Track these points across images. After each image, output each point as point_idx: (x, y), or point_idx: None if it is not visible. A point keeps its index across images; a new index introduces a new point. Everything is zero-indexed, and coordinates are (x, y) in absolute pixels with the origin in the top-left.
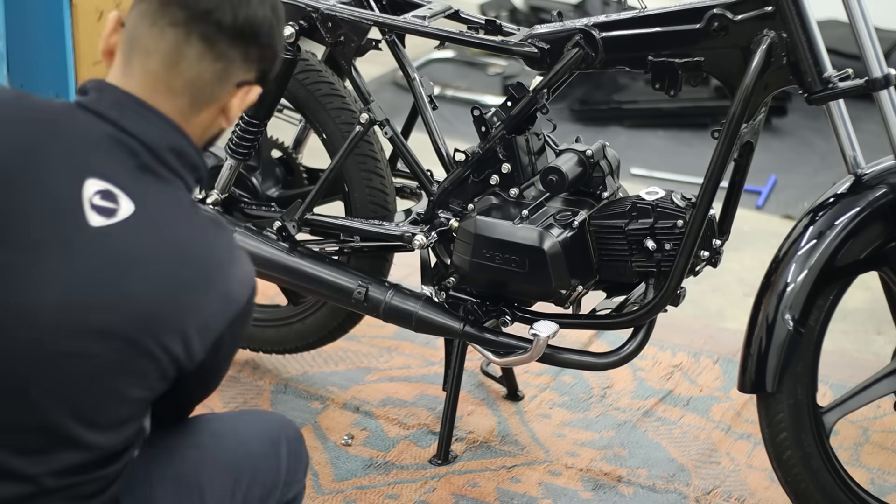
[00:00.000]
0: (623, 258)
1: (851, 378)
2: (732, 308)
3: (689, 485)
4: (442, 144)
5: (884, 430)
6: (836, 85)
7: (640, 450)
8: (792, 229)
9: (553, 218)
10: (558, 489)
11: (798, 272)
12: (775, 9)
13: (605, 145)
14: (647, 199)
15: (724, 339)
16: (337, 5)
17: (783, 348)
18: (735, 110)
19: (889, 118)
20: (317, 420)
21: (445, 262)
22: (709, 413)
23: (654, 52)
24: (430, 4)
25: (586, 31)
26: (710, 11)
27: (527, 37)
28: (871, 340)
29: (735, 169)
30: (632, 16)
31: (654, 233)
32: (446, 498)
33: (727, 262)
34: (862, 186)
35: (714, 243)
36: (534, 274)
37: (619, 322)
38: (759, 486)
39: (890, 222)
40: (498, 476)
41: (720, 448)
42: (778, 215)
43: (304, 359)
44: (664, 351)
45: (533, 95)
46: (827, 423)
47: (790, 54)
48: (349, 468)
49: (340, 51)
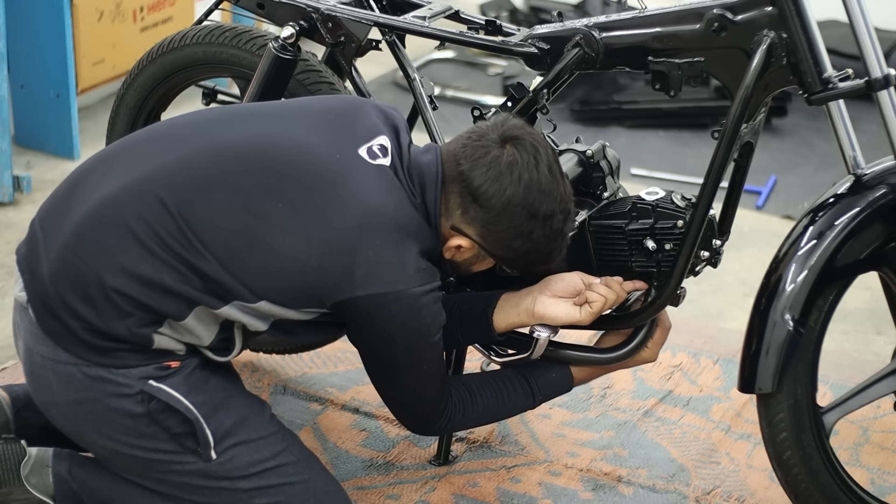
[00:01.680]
0: (623, 258)
1: (851, 378)
2: (732, 308)
3: (689, 485)
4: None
5: (884, 430)
6: (836, 85)
7: (640, 450)
8: (792, 229)
9: None
10: (558, 489)
11: (798, 272)
12: (775, 9)
13: (606, 145)
14: (647, 200)
15: (724, 339)
16: (337, 5)
17: (783, 348)
18: (735, 111)
19: (889, 118)
20: (316, 421)
21: None
22: (709, 413)
23: (654, 53)
24: (430, 5)
25: (586, 32)
26: (711, 12)
27: (527, 37)
28: (871, 340)
29: (735, 169)
30: (632, 16)
31: (654, 233)
32: (446, 498)
33: (727, 262)
34: (862, 187)
35: (714, 243)
36: (534, 273)
37: (620, 322)
38: (759, 487)
39: (890, 222)
40: (498, 476)
41: (720, 448)
42: (778, 215)
43: (304, 360)
44: (664, 351)
45: (533, 96)
46: (827, 423)
47: (790, 55)
48: (349, 469)
49: (341, 51)
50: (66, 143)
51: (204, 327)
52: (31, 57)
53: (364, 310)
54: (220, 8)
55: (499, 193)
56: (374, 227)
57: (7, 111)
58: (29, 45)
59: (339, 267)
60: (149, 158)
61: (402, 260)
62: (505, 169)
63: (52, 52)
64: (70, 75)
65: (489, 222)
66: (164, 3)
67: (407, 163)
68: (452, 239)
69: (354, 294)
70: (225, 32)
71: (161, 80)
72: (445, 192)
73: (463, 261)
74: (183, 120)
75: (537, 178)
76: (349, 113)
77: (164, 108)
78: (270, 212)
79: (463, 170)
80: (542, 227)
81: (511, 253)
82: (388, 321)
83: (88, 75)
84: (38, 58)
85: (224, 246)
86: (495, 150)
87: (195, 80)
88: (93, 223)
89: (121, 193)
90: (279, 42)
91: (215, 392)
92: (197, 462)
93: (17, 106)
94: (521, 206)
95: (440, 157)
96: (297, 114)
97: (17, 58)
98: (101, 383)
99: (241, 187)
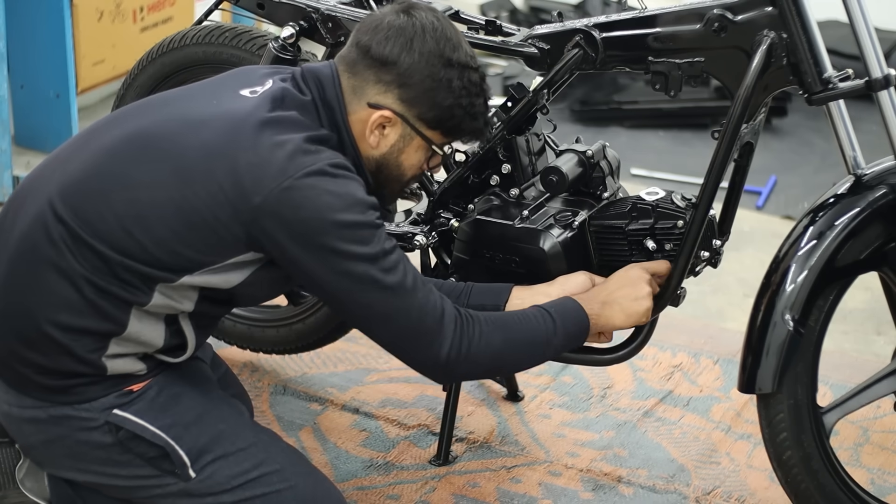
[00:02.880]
0: (623, 258)
1: (851, 378)
2: (732, 308)
3: (690, 485)
4: None
5: (884, 431)
6: (836, 85)
7: (641, 450)
8: (792, 229)
9: (553, 218)
10: (558, 489)
11: (798, 272)
12: (775, 9)
13: (606, 146)
14: (647, 200)
15: (724, 339)
16: (337, 6)
17: (783, 348)
18: (735, 111)
19: (889, 118)
20: (316, 421)
21: (446, 263)
22: (709, 413)
23: (654, 53)
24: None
25: (586, 32)
26: (711, 12)
27: (527, 37)
28: (871, 340)
29: (735, 169)
30: (632, 16)
31: (654, 233)
32: (446, 498)
33: (727, 263)
34: (862, 187)
35: (714, 244)
36: (534, 274)
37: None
38: (759, 487)
39: (890, 222)
40: (498, 476)
41: (720, 448)
42: (778, 215)
43: (304, 360)
44: (664, 351)
45: (533, 96)
46: (827, 423)
47: (790, 55)
48: (349, 469)
49: None
50: None
51: (150, 329)
52: (31, 57)
53: (272, 216)
54: (220, 8)
55: (407, 46)
56: (245, 130)
57: (7, 111)
58: (29, 45)
59: (227, 185)
60: (47, 185)
61: (285, 149)
62: (407, 26)
63: (52, 52)
64: (70, 75)
65: (405, 77)
66: (164, 3)
67: (301, 75)
68: (372, 116)
69: (252, 203)
70: (225, 32)
71: (161, 80)
72: (353, 75)
73: (390, 148)
74: (77, 135)
75: (442, 29)
76: (238, 73)
77: None
78: (148, 175)
79: (363, 42)
80: (460, 77)
81: (434, 110)
82: (296, 211)
83: (88, 75)
84: (37, 58)
85: (121, 232)
86: (390, 16)
87: (195, 81)
88: (13, 266)
89: (28, 228)
90: (279, 42)
91: (186, 411)
92: (177, 483)
93: (17, 106)
94: (433, 54)
95: (332, 60)
96: (172, 94)
97: (17, 58)
98: (67, 421)
99: (118, 174)
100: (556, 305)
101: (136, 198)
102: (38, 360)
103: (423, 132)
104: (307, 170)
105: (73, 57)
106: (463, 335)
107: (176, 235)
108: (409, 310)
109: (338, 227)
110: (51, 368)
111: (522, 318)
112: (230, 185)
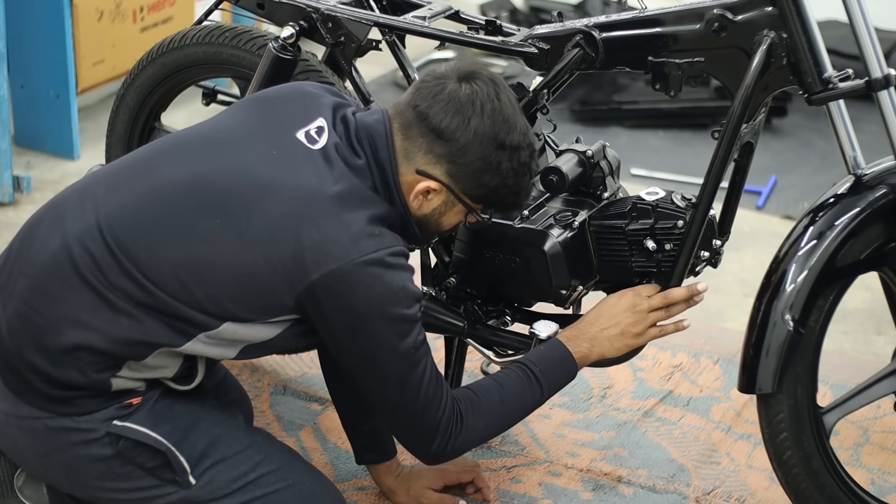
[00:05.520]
0: (623, 258)
1: (851, 378)
2: (732, 308)
3: (690, 485)
4: None
5: (884, 431)
6: (836, 85)
7: (641, 450)
8: (792, 229)
9: (553, 218)
10: (558, 489)
11: (798, 272)
12: (775, 9)
13: (606, 146)
14: (647, 200)
15: (724, 339)
16: (337, 6)
17: (783, 348)
18: (735, 111)
19: (889, 118)
20: (316, 421)
21: (446, 263)
22: (709, 413)
23: (654, 53)
24: (430, 5)
25: (586, 32)
26: (711, 12)
27: (527, 37)
28: (871, 340)
29: (735, 169)
30: (632, 16)
31: (654, 233)
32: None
33: (727, 263)
34: (862, 187)
35: (714, 244)
36: (534, 274)
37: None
38: (760, 487)
39: (890, 222)
40: (498, 476)
41: (720, 448)
42: (778, 215)
43: (304, 360)
44: (664, 351)
45: (533, 96)
46: (827, 423)
47: (790, 55)
48: (349, 469)
49: (341, 51)
50: (66, 143)
51: (167, 361)
52: (30, 57)
53: (325, 292)
54: (220, 8)
55: (463, 125)
56: (312, 205)
57: (7, 111)
58: (29, 45)
59: (287, 257)
60: (95, 206)
61: (350, 231)
62: (466, 101)
63: (52, 52)
64: (70, 75)
65: (456, 156)
66: (164, 3)
67: (354, 129)
68: (420, 184)
69: (310, 279)
70: (225, 32)
71: (161, 80)
72: (406, 138)
73: (432, 211)
74: (129, 160)
75: (500, 108)
76: (290, 100)
77: (164, 108)
78: (210, 231)
79: (421, 109)
80: (510, 159)
81: (480, 189)
82: (349, 294)
83: (88, 75)
84: (37, 58)
85: (173, 279)
86: (452, 85)
87: (195, 81)
88: (46, 274)
89: (71, 243)
90: (279, 42)
91: (181, 417)
92: (178, 491)
93: (16, 106)
94: (488, 136)
95: (386, 114)
96: (231, 129)
97: (17, 58)
98: (65, 433)
99: (180, 222)
100: (543, 360)
101: (196, 251)
102: (46, 370)
103: (466, 202)
104: (368, 258)
105: (72, 57)
106: (452, 435)
107: (227, 293)
108: (415, 402)
109: (382, 319)
110: (57, 379)
111: (508, 390)
112: (290, 257)
